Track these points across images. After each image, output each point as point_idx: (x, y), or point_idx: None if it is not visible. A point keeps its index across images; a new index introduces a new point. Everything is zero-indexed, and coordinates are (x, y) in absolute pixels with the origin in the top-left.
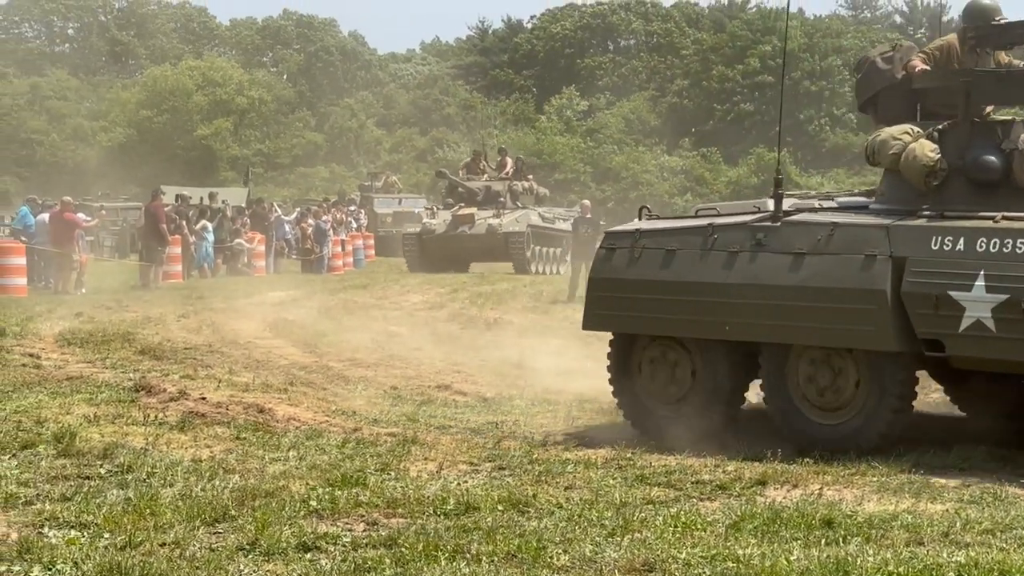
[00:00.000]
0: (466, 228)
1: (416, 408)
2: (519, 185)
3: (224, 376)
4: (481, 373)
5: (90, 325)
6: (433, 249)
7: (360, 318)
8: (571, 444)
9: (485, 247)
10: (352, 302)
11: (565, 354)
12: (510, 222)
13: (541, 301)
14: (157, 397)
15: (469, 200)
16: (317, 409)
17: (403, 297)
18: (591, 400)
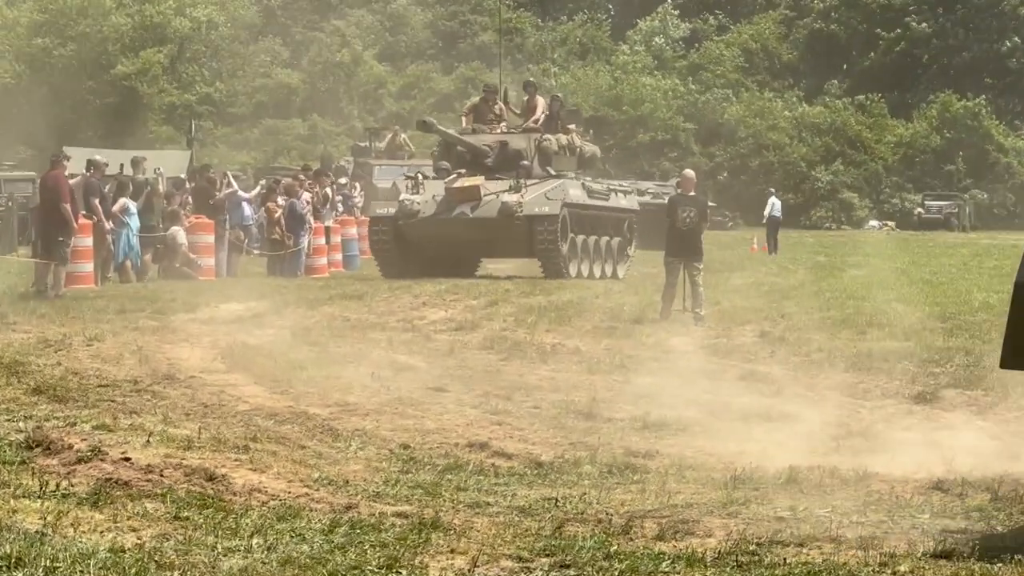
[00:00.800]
0: (467, 209)
1: (438, 476)
2: (553, 141)
3: (157, 427)
4: (533, 426)
5: None
6: (417, 241)
7: (354, 343)
8: (667, 530)
9: (496, 237)
10: (342, 319)
11: (657, 397)
12: (537, 199)
13: (621, 319)
14: (59, 457)
15: (474, 164)
16: (292, 476)
17: (418, 312)
18: (695, 466)
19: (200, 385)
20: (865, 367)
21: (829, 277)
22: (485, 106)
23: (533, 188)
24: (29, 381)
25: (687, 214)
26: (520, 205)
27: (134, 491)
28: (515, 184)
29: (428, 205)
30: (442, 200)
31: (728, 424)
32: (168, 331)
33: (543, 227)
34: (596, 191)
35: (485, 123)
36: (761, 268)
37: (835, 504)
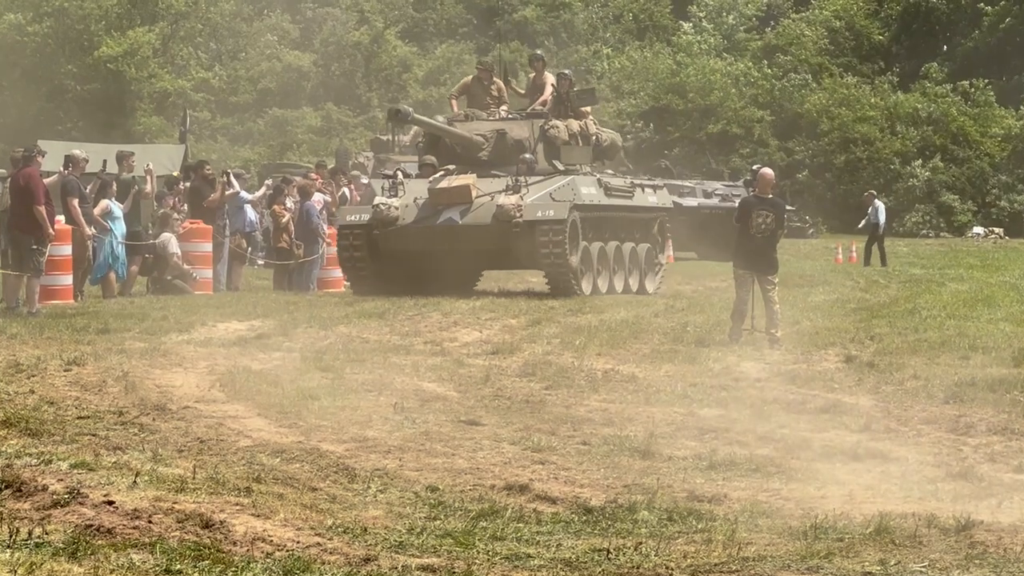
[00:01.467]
0: (455, 214)
1: (470, 524)
2: (561, 128)
3: (145, 465)
4: (581, 465)
5: None
6: (396, 253)
7: (374, 369)
8: None
9: (492, 247)
10: (360, 341)
11: (725, 432)
12: (540, 200)
13: (683, 341)
14: (32, 500)
15: (466, 159)
16: (302, 523)
17: (447, 332)
18: (770, 512)
19: (195, 417)
20: (968, 398)
21: (926, 293)
22: (480, 86)
23: (536, 187)
24: None
25: (763, 219)
26: (519, 208)
27: (118, 540)
28: (513, 183)
29: (409, 210)
30: (425, 204)
31: (808, 464)
32: (158, 354)
33: (547, 234)
34: (616, 188)
35: (481, 107)
36: (847, 282)
37: (932, 558)
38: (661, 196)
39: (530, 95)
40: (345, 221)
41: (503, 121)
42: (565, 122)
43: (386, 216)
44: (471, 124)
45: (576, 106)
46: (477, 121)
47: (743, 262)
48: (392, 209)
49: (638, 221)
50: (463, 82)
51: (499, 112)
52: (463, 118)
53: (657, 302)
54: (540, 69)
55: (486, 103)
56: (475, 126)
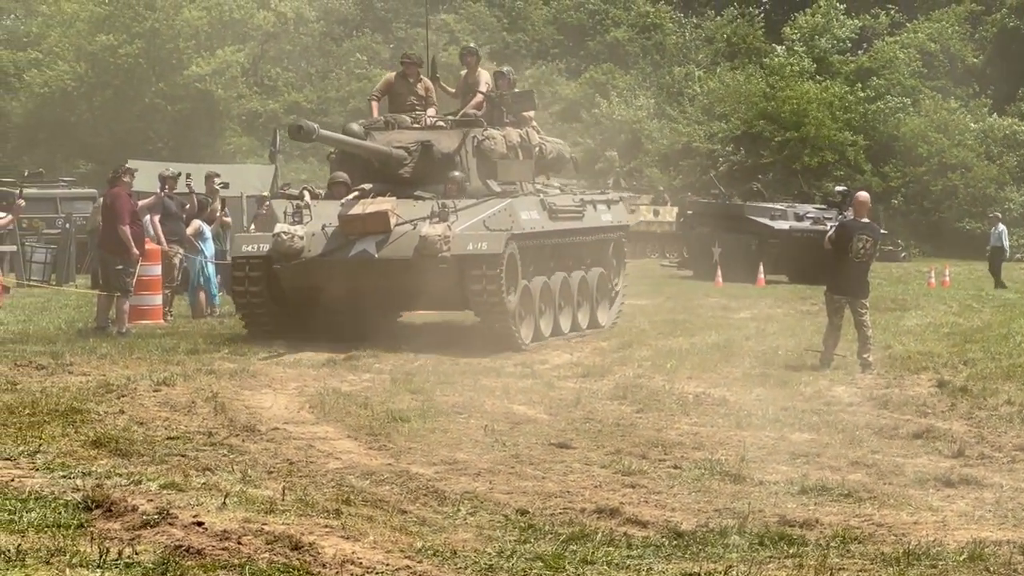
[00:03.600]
0: (370, 245)
1: (560, 547)
2: (498, 138)
3: (235, 487)
4: (672, 489)
5: (9, 397)
6: (300, 290)
7: (465, 391)
8: None
9: (413, 285)
10: (451, 363)
11: (816, 456)
12: (471, 230)
13: (775, 365)
14: (122, 520)
15: (384, 175)
16: (391, 546)
17: (538, 355)
18: (862, 538)
19: (284, 438)
20: None
21: (1020, 317)
22: (405, 85)
23: (467, 213)
24: (88, 432)
25: (863, 244)
26: (447, 240)
27: (207, 561)
28: (440, 208)
29: (316, 240)
30: (335, 232)
31: (900, 489)
32: (248, 375)
33: (480, 272)
34: (562, 209)
35: (405, 109)
36: (940, 307)
37: None
38: (616, 213)
39: (461, 95)
40: (240, 251)
41: (429, 131)
42: (503, 131)
43: (289, 247)
44: (391, 135)
45: (514, 111)
46: (398, 131)
47: (839, 286)
48: (296, 239)
49: (589, 244)
50: (386, 79)
51: (426, 117)
52: (383, 125)
53: (748, 324)
54: (473, 65)
55: (411, 104)
56: (395, 137)
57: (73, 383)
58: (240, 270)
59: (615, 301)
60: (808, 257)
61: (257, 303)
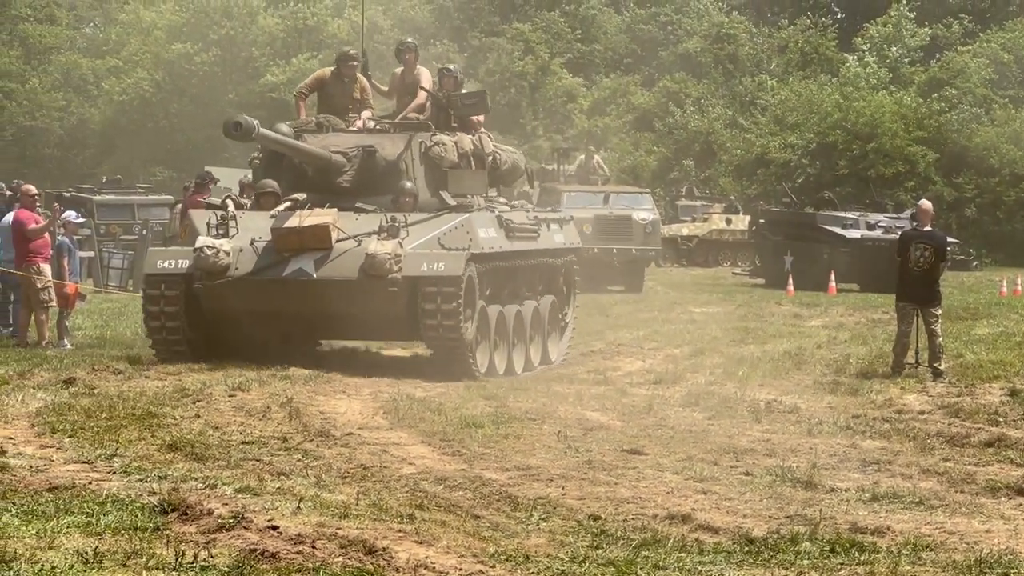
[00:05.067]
0: (308, 263)
1: (633, 553)
2: (449, 145)
3: (309, 491)
4: (744, 495)
5: (87, 401)
6: (223, 313)
7: (538, 397)
8: None
9: (357, 311)
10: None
11: (888, 464)
12: (425, 248)
13: (846, 373)
14: (198, 523)
15: (320, 184)
16: (464, 551)
17: (611, 362)
18: (933, 546)
19: (359, 444)
20: None
21: None
22: (339, 84)
23: (419, 229)
24: (164, 436)
25: (922, 253)
26: (397, 260)
27: (282, 565)
28: (388, 222)
29: (244, 256)
30: (267, 248)
31: (972, 498)
32: (322, 381)
33: (435, 297)
34: (519, 227)
35: (337, 111)
36: (1012, 315)
37: None
38: (568, 233)
39: (397, 96)
40: (155, 268)
41: (371, 134)
42: (454, 137)
43: (213, 264)
44: (326, 138)
45: (463, 114)
46: (335, 133)
47: (904, 295)
48: (221, 255)
49: (542, 268)
50: (317, 75)
51: (362, 119)
52: (315, 127)
53: (820, 332)
54: (411, 62)
55: (344, 106)
56: (332, 141)
57: (150, 388)
58: (154, 289)
59: (565, 333)
60: (879, 266)
61: (172, 327)
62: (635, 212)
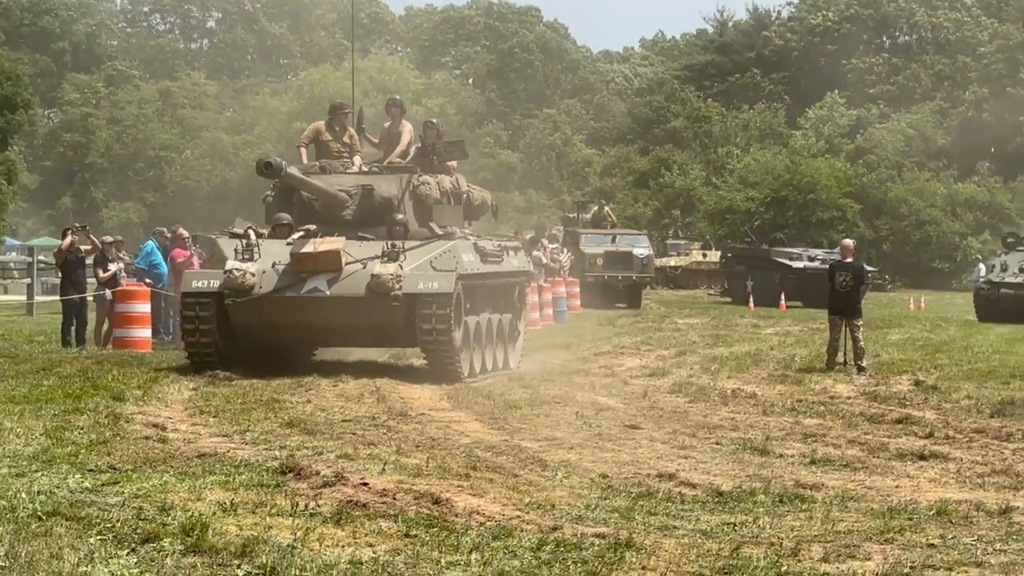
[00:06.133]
0: (321, 283)
1: (631, 503)
2: (433, 185)
3: (391, 457)
4: (715, 459)
5: (227, 389)
6: (250, 326)
7: (561, 386)
8: (831, 554)
9: (363, 323)
10: (551, 366)
11: (822, 437)
12: (421, 270)
13: (792, 368)
14: (308, 481)
15: (325, 217)
16: (506, 501)
17: (616, 360)
18: (857, 498)
19: (428, 421)
20: (1008, 413)
21: (977, 334)
22: (332, 133)
23: (414, 254)
24: (283, 416)
25: (844, 278)
26: (399, 279)
27: (371, 512)
28: (389, 249)
29: (267, 277)
30: (286, 270)
31: (886, 462)
32: (402, 374)
33: (430, 310)
34: (490, 253)
35: (330, 157)
36: (916, 325)
37: (980, 534)
38: (520, 259)
39: (384, 146)
40: (190, 287)
41: (369, 175)
42: (436, 177)
43: (241, 283)
44: (331, 178)
45: (443, 159)
46: (338, 175)
47: (833, 309)
48: (247, 275)
49: (504, 288)
50: (314, 127)
51: (353, 163)
52: (319, 170)
53: (772, 338)
54: (397, 116)
55: (337, 151)
56: (336, 180)
57: (274, 380)
58: (190, 308)
59: (518, 342)
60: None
61: (207, 341)
62: (635, 249)
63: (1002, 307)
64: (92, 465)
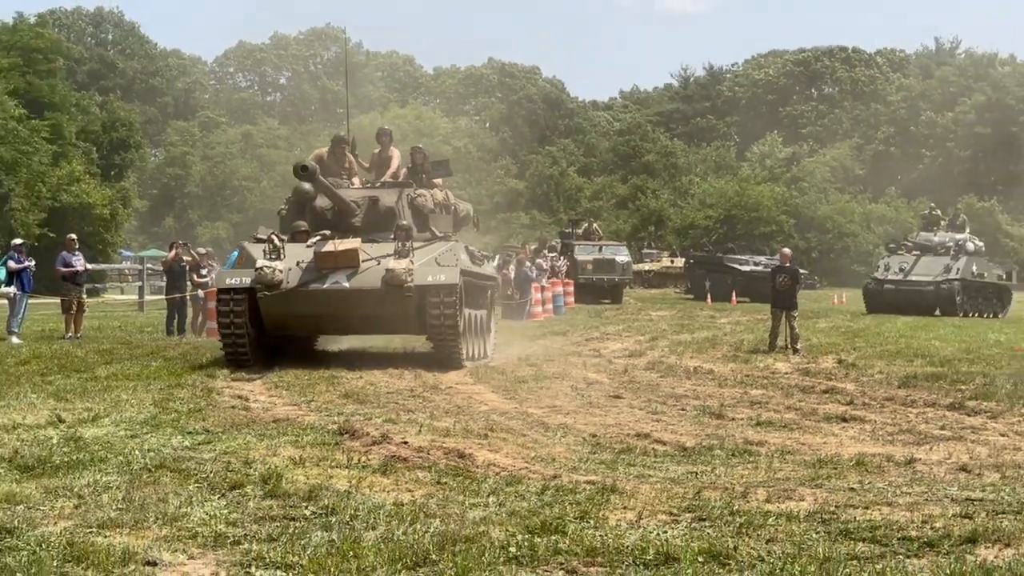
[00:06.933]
0: (342, 277)
1: (615, 456)
2: (428, 197)
3: (425, 421)
4: (681, 422)
5: (297, 370)
6: (279, 317)
7: (560, 365)
8: (773, 496)
9: (378, 312)
10: (552, 349)
11: (765, 404)
12: (428, 265)
13: (742, 350)
14: (360, 440)
15: (336, 224)
16: (516, 455)
17: (602, 344)
18: (793, 452)
19: (455, 393)
20: (912, 384)
21: (887, 323)
22: (333, 158)
23: (421, 252)
24: (340, 389)
25: (782, 279)
26: (410, 273)
27: (410, 464)
28: (401, 247)
29: (292, 273)
30: (309, 267)
31: (815, 423)
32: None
33: (438, 299)
34: (476, 256)
35: (333, 176)
36: (839, 316)
37: (890, 480)
38: (491, 267)
39: (375, 169)
40: (224, 284)
41: (374, 189)
42: (430, 191)
43: (270, 279)
44: (343, 191)
45: (431, 177)
46: (345, 189)
47: (774, 303)
48: (276, 272)
49: (483, 288)
50: (317, 153)
51: (352, 183)
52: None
53: (726, 326)
54: (386, 143)
55: (338, 173)
56: (346, 193)
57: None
58: (225, 303)
59: (491, 336)
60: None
61: (241, 332)
62: (617, 256)
63: (886, 299)
64: (190, 428)
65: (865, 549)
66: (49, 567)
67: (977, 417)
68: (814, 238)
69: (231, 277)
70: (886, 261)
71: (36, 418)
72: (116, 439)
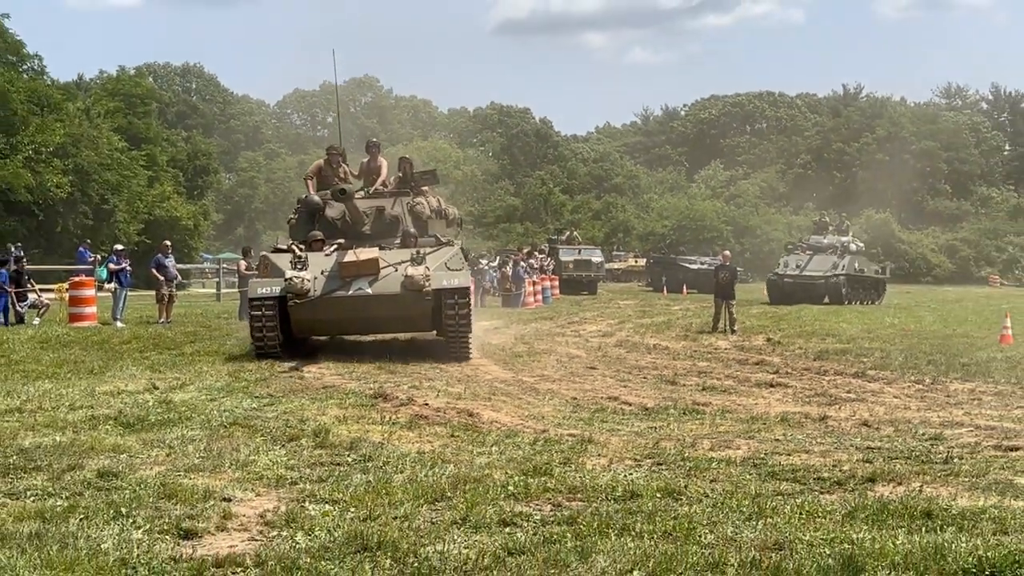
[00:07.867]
0: (364, 284)
1: (592, 415)
2: (425, 204)
3: (442, 387)
4: (643, 388)
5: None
6: (307, 322)
7: (548, 343)
8: (715, 446)
9: (399, 314)
10: (542, 330)
11: (709, 374)
12: (440, 269)
13: (691, 331)
14: (391, 402)
15: (347, 232)
16: (514, 414)
17: (581, 327)
18: (731, 411)
19: (465, 365)
20: (825, 357)
21: (804, 311)
22: (329, 169)
23: (431, 258)
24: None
25: (723, 275)
26: (427, 278)
27: (430, 421)
28: (417, 255)
29: (318, 282)
30: (332, 275)
31: (749, 388)
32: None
33: (454, 300)
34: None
35: (330, 187)
36: (768, 305)
37: (807, 433)
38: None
39: (365, 177)
40: (256, 294)
41: (378, 198)
42: (426, 199)
43: (299, 288)
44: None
45: (419, 185)
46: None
47: (716, 294)
48: (304, 282)
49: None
50: (315, 165)
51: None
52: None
53: (678, 312)
54: (375, 154)
55: (335, 183)
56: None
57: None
58: (257, 309)
59: None
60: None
61: (272, 337)
62: (593, 257)
63: (785, 291)
64: (257, 393)
65: (788, 487)
66: (147, 503)
67: (876, 383)
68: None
69: (262, 287)
70: (785, 259)
71: (136, 386)
72: (199, 402)
